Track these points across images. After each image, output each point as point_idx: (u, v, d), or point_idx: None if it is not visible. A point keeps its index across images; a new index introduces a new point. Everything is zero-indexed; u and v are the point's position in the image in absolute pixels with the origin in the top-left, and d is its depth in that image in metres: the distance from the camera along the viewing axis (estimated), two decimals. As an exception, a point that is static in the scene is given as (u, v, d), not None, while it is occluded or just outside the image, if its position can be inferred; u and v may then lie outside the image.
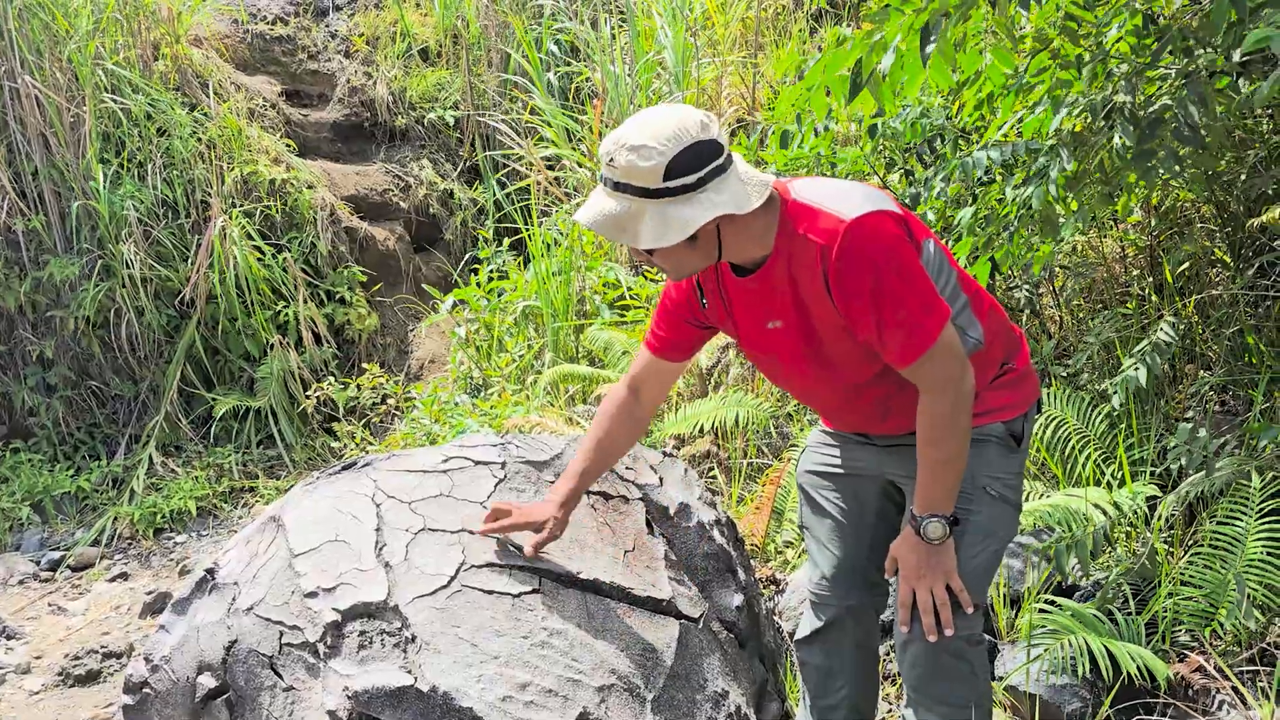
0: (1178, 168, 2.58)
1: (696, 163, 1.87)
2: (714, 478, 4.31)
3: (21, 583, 5.56)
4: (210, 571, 2.42)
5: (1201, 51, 2.66)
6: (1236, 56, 2.33)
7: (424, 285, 7.57)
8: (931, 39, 2.43)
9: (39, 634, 4.95)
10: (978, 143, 3.82)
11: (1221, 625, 2.78)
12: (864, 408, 2.20)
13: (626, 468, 2.75)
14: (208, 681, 2.24)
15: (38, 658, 4.69)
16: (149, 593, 5.17)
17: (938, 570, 2.06)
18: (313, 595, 2.20)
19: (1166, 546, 3.17)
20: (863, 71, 2.45)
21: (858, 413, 2.23)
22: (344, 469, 2.62)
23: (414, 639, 2.12)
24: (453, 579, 2.23)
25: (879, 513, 2.34)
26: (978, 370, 2.13)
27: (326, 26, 8.46)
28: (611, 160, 1.89)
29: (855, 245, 1.91)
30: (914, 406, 2.06)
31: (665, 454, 2.91)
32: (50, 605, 5.28)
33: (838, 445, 2.37)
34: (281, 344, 6.71)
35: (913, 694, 2.19)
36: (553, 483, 2.61)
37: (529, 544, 2.31)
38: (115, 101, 6.61)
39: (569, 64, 7.76)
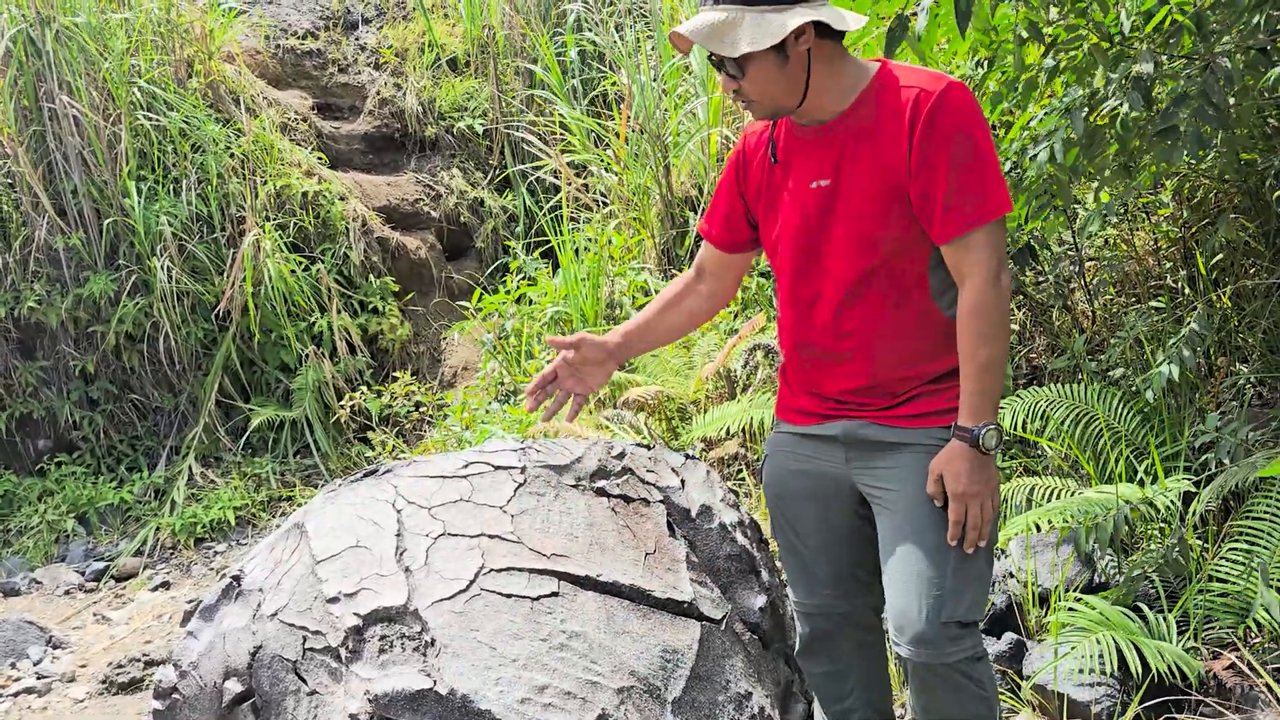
0: (1200, 148, 2.54)
1: None
2: (743, 480, 4.30)
3: (67, 593, 5.69)
4: (236, 578, 2.46)
5: (1228, 35, 2.63)
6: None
7: (455, 293, 7.63)
8: (968, 10, 2.44)
9: (84, 643, 5.05)
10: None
11: (1256, 622, 2.73)
12: (861, 326, 2.10)
13: (648, 470, 2.76)
14: (234, 687, 2.27)
15: (83, 666, 4.79)
16: (190, 601, 5.26)
17: (990, 484, 2.01)
18: (334, 600, 2.23)
19: (1201, 542, 3.12)
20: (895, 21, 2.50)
21: (851, 333, 2.12)
22: (365, 476, 2.64)
23: (433, 642, 2.14)
24: (472, 583, 2.24)
25: (855, 514, 2.26)
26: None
27: (356, 40, 8.57)
28: None
29: (956, 100, 1.96)
30: (903, 349, 2.07)
31: (687, 456, 2.91)
32: (95, 615, 5.39)
33: (801, 448, 2.28)
34: (316, 354, 6.80)
35: (922, 716, 2.15)
36: (573, 486, 2.62)
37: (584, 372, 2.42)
38: (150, 119, 6.73)
39: (596, 70, 7.79)
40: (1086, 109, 2.76)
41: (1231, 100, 2.87)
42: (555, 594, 2.29)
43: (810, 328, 2.19)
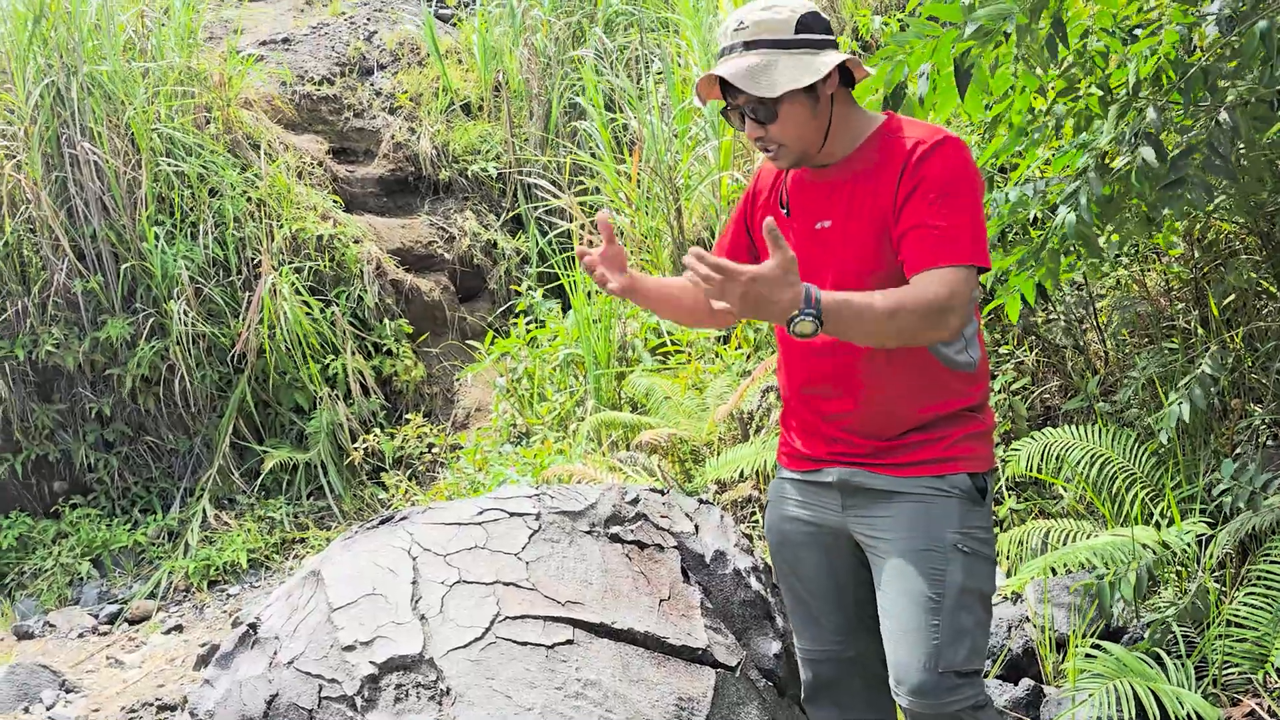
0: (1208, 198, 2.56)
1: (823, 25, 2.06)
2: (756, 523, 4.29)
3: (80, 636, 5.68)
4: (253, 626, 2.47)
5: (1232, 84, 2.66)
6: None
7: (468, 335, 7.68)
8: (968, 72, 2.47)
9: (96, 687, 5.04)
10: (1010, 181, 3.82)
11: (1275, 668, 2.70)
12: (855, 363, 2.09)
13: (661, 516, 2.76)
14: (250, 735, 2.28)
15: (95, 711, 4.78)
16: (203, 645, 5.25)
17: (765, 306, 1.80)
18: (350, 649, 2.24)
19: (1218, 586, 3.10)
20: (892, 88, 2.51)
21: (840, 362, 2.11)
22: (381, 523, 2.66)
23: (449, 691, 2.14)
24: (487, 631, 2.25)
25: (856, 560, 2.25)
26: (956, 390, 2.12)
27: (371, 85, 8.69)
28: (742, 24, 2.05)
29: (950, 152, 2.00)
30: (895, 386, 2.08)
31: (701, 501, 2.91)
32: (108, 658, 5.39)
33: (800, 494, 2.28)
34: (330, 396, 6.83)
35: None
36: (587, 532, 2.63)
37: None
38: (170, 164, 6.83)
39: (606, 114, 7.88)
40: (1098, 167, 2.77)
41: (1242, 148, 2.89)
42: (570, 642, 2.30)
43: (807, 365, 2.22)
